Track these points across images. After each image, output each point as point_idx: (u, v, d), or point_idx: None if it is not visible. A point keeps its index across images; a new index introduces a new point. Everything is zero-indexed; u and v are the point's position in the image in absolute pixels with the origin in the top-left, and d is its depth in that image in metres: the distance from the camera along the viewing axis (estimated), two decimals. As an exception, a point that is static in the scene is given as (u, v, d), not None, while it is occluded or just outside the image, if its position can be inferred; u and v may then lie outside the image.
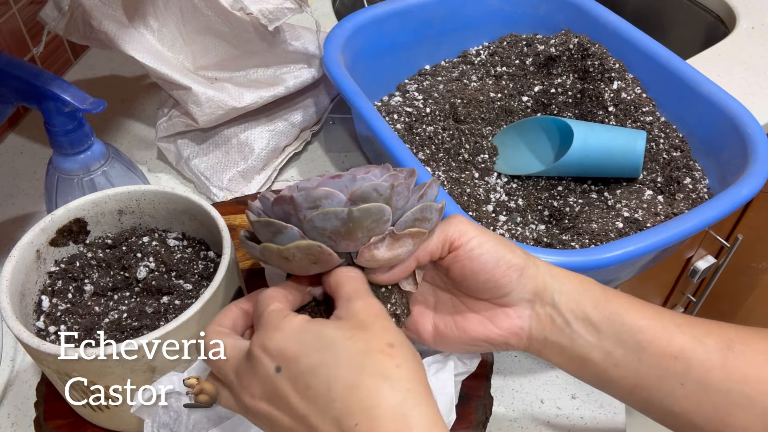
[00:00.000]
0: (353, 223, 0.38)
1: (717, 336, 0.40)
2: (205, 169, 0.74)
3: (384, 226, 0.40)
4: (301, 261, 0.40)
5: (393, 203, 0.40)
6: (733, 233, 1.09)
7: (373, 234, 0.39)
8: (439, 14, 0.79)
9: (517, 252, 0.42)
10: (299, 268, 0.40)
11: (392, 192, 0.39)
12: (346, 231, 0.39)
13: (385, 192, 0.39)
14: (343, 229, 0.38)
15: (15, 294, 0.46)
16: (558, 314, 0.41)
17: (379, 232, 0.39)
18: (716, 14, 1.07)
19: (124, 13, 0.70)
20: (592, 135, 0.66)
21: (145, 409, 0.44)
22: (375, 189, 0.39)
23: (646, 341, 0.40)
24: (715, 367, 0.39)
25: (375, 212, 0.38)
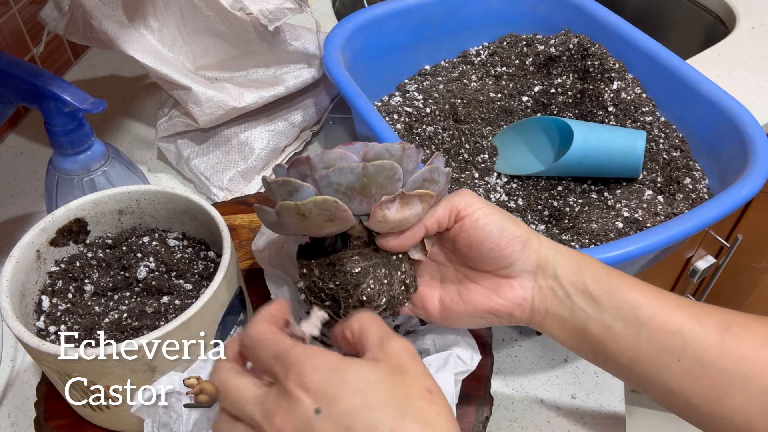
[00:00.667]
0: (368, 177, 0.40)
1: (716, 317, 0.41)
2: (205, 169, 0.74)
3: (396, 185, 0.41)
4: (317, 218, 0.41)
5: (404, 165, 0.42)
6: (733, 233, 1.09)
7: (386, 192, 0.41)
8: (439, 14, 0.79)
9: (521, 225, 0.44)
10: (315, 226, 0.42)
11: (403, 153, 0.42)
12: (360, 186, 0.40)
13: (396, 153, 0.42)
14: (358, 184, 0.40)
15: (15, 294, 0.46)
16: (559, 286, 0.43)
17: (391, 191, 0.41)
18: (716, 14, 1.07)
19: (124, 13, 0.70)
20: (592, 135, 0.66)
21: (145, 409, 0.44)
22: (387, 150, 0.41)
23: (646, 317, 0.41)
24: (713, 346, 0.39)
25: (388, 168, 0.41)
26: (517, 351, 0.60)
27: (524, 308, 0.44)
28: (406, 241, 0.44)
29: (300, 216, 0.41)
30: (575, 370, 0.59)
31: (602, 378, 0.58)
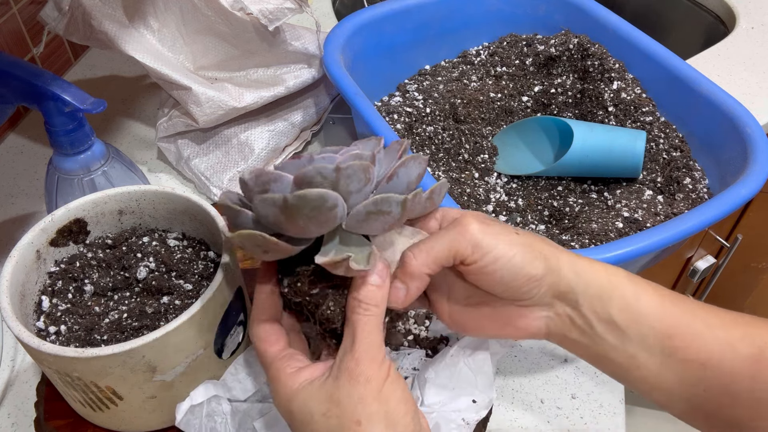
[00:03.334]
0: (290, 211, 0.36)
1: (750, 341, 0.37)
2: (205, 169, 0.74)
3: (329, 214, 0.36)
4: (253, 249, 0.38)
5: (342, 188, 0.36)
6: (733, 233, 1.09)
7: (318, 222, 0.36)
8: (439, 14, 0.79)
9: (536, 262, 0.39)
10: (257, 256, 0.39)
11: (339, 175, 0.36)
12: (286, 219, 0.36)
13: (329, 175, 0.36)
14: (283, 216, 0.36)
15: (15, 294, 0.46)
16: (579, 316, 0.40)
17: (324, 219, 0.36)
18: (716, 14, 1.07)
19: (124, 13, 0.70)
20: (592, 135, 0.66)
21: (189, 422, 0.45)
22: (319, 172, 0.36)
23: (674, 348, 0.38)
24: (744, 376, 0.37)
25: (314, 199, 0.35)
26: (517, 351, 0.60)
27: (538, 335, 0.42)
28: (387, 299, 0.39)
29: (239, 248, 0.39)
30: (575, 370, 0.59)
31: (602, 378, 0.58)
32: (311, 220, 0.36)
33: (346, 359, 0.36)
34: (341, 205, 0.36)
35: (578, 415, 0.56)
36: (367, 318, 0.37)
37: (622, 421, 0.55)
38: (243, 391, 0.47)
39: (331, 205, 0.36)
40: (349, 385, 0.36)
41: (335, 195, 0.35)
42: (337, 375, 0.36)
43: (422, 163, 0.39)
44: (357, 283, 0.38)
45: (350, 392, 0.35)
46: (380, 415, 0.35)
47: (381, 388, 0.36)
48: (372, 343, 0.36)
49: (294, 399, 0.37)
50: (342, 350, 0.37)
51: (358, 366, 0.36)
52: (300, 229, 0.37)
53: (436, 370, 0.48)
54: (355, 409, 0.35)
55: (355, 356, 0.36)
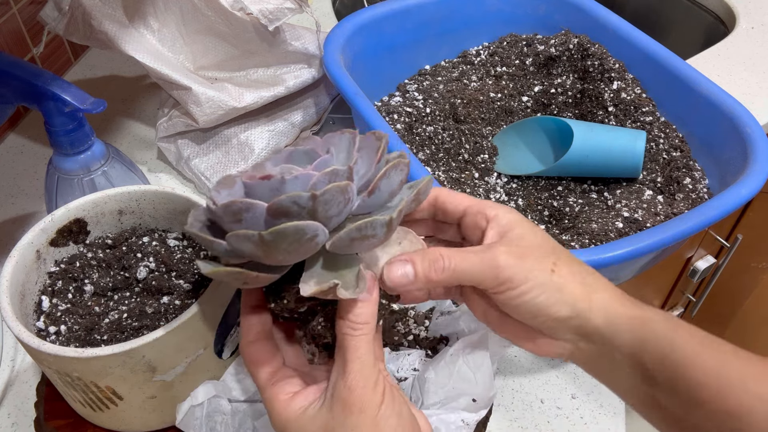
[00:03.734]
0: (267, 247, 0.33)
1: None
2: (205, 169, 0.74)
3: (310, 244, 0.34)
4: (234, 282, 0.36)
5: (320, 215, 0.34)
6: (733, 233, 1.09)
7: (299, 253, 0.34)
8: (439, 14, 0.79)
9: (562, 305, 0.37)
10: (237, 286, 0.38)
11: (315, 203, 0.33)
12: (264, 254, 0.34)
13: (306, 204, 0.33)
14: (260, 252, 0.34)
15: (15, 294, 0.46)
16: (605, 355, 0.38)
17: (305, 250, 0.34)
18: (716, 14, 1.07)
19: (124, 13, 0.70)
20: (592, 135, 0.66)
21: (189, 422, 0.45)
22: (294, 202, 0.33)
23: (702, 399, 0.35)
24: None
25: (291, 233, 0.32)
26: (517, 351, 0.60)
27: (561, 357, 0.40)
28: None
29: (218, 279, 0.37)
30: (575, 370, 0.59)
31: (602, 378, 0.58)
32: (291, 253, 0.34)
33: (338, 387, 0.35)
34: (322, 233, 0.34)
35: (578, 415, 0.56)
36: (357, 338, 0.35)
37: (622, 421, 0.55)
38: (243, 392, 0.47)
39: (311, 236, 0.33)
40: (342, 416, 0.35)
41: (314, 225, 0.33)
42: (331, 404, 0.35)
43: (404, 169, 0.37)
44: (344, 302, 0.36)
45: (344, 422, 0.35)
46: None
47: (376, 416, 0.35)
48: (364, 365, 0.35)
49: (288, 427, 0.36)
50: (335, 373, 0.36)
51: (351, 394, 0.35)
52: (279, 261, 0.35)
53: (435, 369, 0.48)
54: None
55: (348, 383, 0.35)
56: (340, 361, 0.36)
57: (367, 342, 0.36)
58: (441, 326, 0.54)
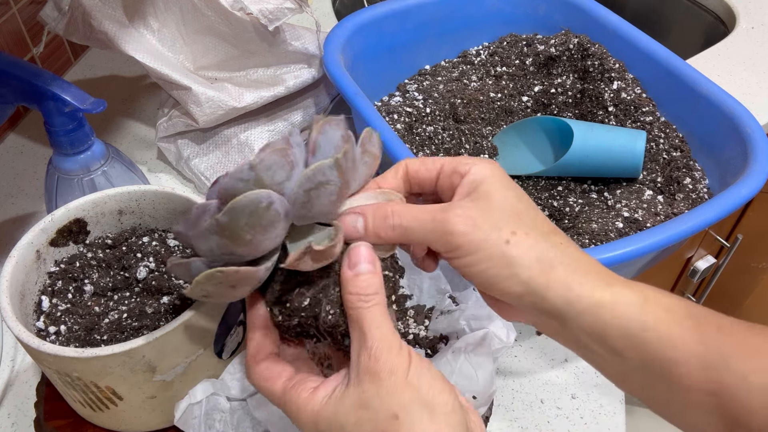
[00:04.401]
0: (229, 230, 0.32)
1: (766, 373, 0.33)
2: (205, 169, 0.74)
3: (269, 213, 0.33)
4: (221, 291, 0.35)
5: (267, 182, 0.33)
6: (733, 233, 1.09)
7: (263, 227, 0.33)
8: (439, 14, 0.79)
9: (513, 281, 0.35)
10: (227, 296, 0.36)
11: (257, 170, 0.32)
12: (231, 241, 0.33)
13: (248, 176, 0.32)
14: (226, 241, 0.33)
15: (15, 294, 0.46)
16: (569, 331, 0.36)
17: (267, 221, 0.33)
18: (716, 14, 1.07)
19: (124, 13, 0.70)
20: (592, 135, 0.66)
21: (187, 420, 0.45)
22: (238, 178, 0.32)
23: (678, 376, 0.34)
24: (756, 407, 0.32)
25: (245, 206, 0.32)
26: (517, 351, 0.60)
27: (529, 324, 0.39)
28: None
29: (205, 298, 0.36)
30: (575, 370, 0.59)
31: (602, 378, 0.58)
32: (255, 229, 0.33)
33: (362, 359, 0.34)
34: (277, 199, 0.33)
35: (578, 415, 0.56)
36: (370, 309, 0.34)
37: (622, 421, 0.55)
38: (242, 390, 0.47)
39: (266, 204, 0.32)
40: (373, 385, 0.33)
41: (264, 192, 0.32)
42: (358, 378, 0.34)
43: (340, 124, 0.35)
44: (348, 278, 0.35)
45: (377, 391, 0.33)
46: (415, 400, 0.33)
47: (407, 375, 0.33)
48: (385, 334, 0.34)
49: (319, 420, 0.34)
50: (355, 351, 0.34)
51: (377, 362, 0.33)
52: (251, 245, 0.34)
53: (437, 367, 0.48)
54: (387, 405, 0.33)
55: (371, 353, 0.33)
56: (358, 335, 0.34)
57: (382, 312, 0.35)
58: (441, 326, 0.54)
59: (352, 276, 0.35)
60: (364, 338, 0.34)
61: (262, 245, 0.34)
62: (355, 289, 0.35)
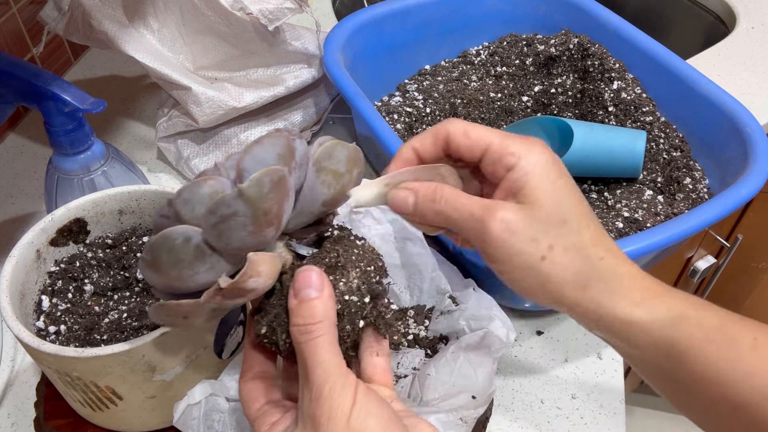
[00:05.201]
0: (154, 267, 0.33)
1: None
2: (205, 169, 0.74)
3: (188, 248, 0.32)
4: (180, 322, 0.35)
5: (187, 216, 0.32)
6: (733, 233, 1.09)
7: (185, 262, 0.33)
8: (439, 14, 0.79)
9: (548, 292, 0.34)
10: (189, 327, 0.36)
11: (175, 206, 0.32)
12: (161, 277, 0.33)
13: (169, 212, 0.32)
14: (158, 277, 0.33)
15: (15, 294, 0.46)
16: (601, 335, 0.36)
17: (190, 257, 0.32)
18: (716, 14, 1.07)
19: (124, 13, 0.70)
20: (592, 135, 0.66)
21: (186, 421, 0.45)
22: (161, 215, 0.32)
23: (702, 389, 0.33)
24: None
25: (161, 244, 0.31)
26: (517, 351, 0.60)
27: None
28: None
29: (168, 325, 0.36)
30: (575, 370, 0.59)
31: (602, 378, 0.58)
32: (180, 266, 0.32)
33: (305, 401, 0.32)
34: (195, 234, 0.31)
35: (578, 415, 0.56)
36: (313, 342, 0.32)
37: (622, 421, 0.55)
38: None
39: (183, 240, 0.31)
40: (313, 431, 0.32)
41: (182, 228, 0.31)
42: (303, 422, 0.32)
43: (279, 140, 0.32)
44: (292, 307, 0.33)
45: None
46: None
47: (348, 420, 0.31)
48: (325, 371, 0.32)
49: None
50: (301, 387, 0.33)
51: (317, 405, 0.31)
52: (182, 280, 0.33)
53: (437, 366, 0.48)
54: None
55: (312, 394, 0.32)
56: (302, 374, 0.33)
57: (327, 342, 0.33)
58: (441, 326, 0.54)
59: (296, 305, 0.33)
60: (307, 375, 0.32)
61: (195, 279, 0.33)
62: (298, 319, 0.33)
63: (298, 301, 0.33)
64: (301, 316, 0.33)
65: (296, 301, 0.33)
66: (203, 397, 0.46)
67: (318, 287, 0.33)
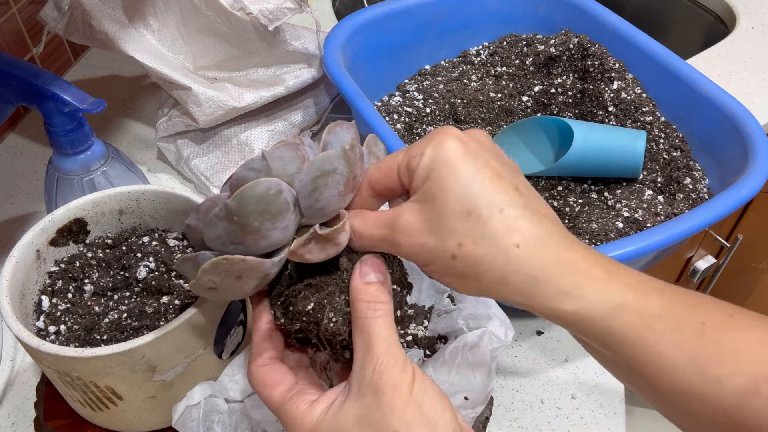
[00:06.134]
0: (238, 216, 0.33)
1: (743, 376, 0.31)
2: (205, 169, 0.74)
3: (279, 200, 0.33)
4: (227, 283, 0.35)
5: (277, 172, 0.33)
6: (733, 233, 1.09)
7: (273, 216, 0.33)
8: (439, 14, 0.79)
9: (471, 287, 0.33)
10: (239, 293, 0.36)
11: (268, 161, 0.33)
12: (240, 229, 0.33)
13: (260, 166, 0.33)
14: (235, 227, 0.33)
15: (15, 294, 0.46)
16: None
17: (276, 209, 0.33)
18: (716, 14, 1.07)
19: (124, 13, 0.70)
20: (592, 135, 0.66)
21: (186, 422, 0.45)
22: (249, 168, 0.33)
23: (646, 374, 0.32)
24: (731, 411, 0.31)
25: (254, 191, 0.32)
26: (517, 351, 0.60)
27: None
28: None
29: (211, 291, 0.35)
30: (575, 370, 0.59)
31: (602, 378, 0.58)
32: (264, 216, 0.33)
33: (366, 371, 0.33)
34: (286, 188, 0.33)
35: (578, 415, 0.56)
36: (378, 320, 0.33)
37: (622, 421, 0.55)
38: (240, 392, 0.47)
39: (276, 191, 0.32)
40: (375, 400, 0.32)
41: (276, 180, 0.32)
42: (360, 392, 0.33)
43: (350, 128, 0.36)
44: (358, 286, 0.35)
45: (379, 407, 0.32)
46: (417, 419, 0.32)
47: (411, 392, 0.32)
48: (390, 347, 0.33)
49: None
50: (358, 362, 0.33)
51: (381, 377, 0.32)
52: (259, 234, 0.34)
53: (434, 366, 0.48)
54: (389, 422, 0.32)
55: (376, 366, 0.32)
56: (363, 346, 0.33)
57: (389, 324, 0.34)
58: (439, 325, 0.54)
59: (364, 284, 0.34)
60: (370, 350, 0.33)
61: (270, 235, 0.34)
62: (363, 296, 0.34)
63: (364, 282, 0.34)
64: (370, 294, 0.34)
65: (363, 281, 0.34)
66: (202, 398, 0.45)
67: (384, 274, 0.35)
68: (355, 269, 0.35)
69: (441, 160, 0.32)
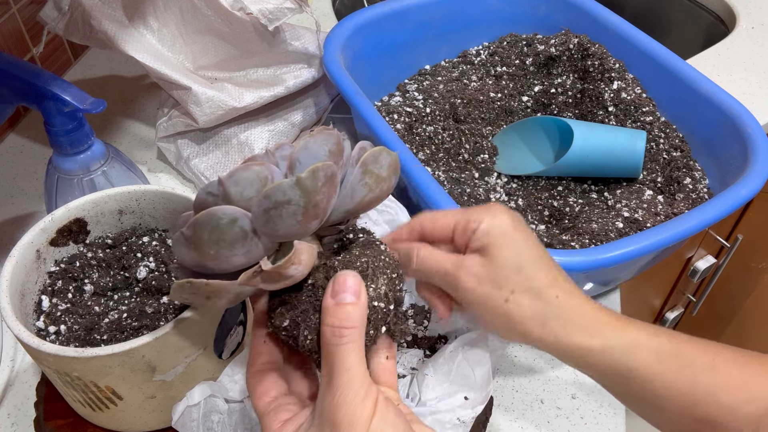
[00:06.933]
0: (193, 244, 0.32)
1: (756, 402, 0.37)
2: (205, 169, 0.74)
3: (232, 230, 0.32)
4: (200, 302, 0.35)
5: (235, 198, 0.32)
6: (733, 233, 1.09)
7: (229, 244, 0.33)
8: (438, 14, 0.79)
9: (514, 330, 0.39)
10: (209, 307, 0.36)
11: (224, 187, 0.32)
12: (198, 255, 0.33)
13: (217, 191, 0.32)
14: (194, 254, 0.33)
15: (15, 294, 0.46)
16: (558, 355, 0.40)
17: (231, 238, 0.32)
18: (716, 14, 1.07)
19: (124, 13, 0.70)
20: (592, 135, 0.66)
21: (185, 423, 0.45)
22: (208, 192, 0.32)
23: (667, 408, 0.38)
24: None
25: (207, 221, 0.31)
26: (517, 351, 0.60)
27: None
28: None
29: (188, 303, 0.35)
30: (575, 370, 0.59)
31: (602, 378, 0.58)
32: (219, 244, 0.32)
33: (325, 404, 0.32)
34: (241, 216, 0.31)
35: (578, 415, 0.56)
36: (343, 347, 0.33)
37: (622, 421, 0.55)
38: (240, 392, 0.47)
39: (228, 220, 0.31)
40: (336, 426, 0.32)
41: (230, 209, 0.31)
42: (320, 423, 0.32)
43: (329, 138, 0.34)
44: (327, 306, 0.34)
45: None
46: None
47: (368, 429, 0.31)
48: (351, 378, 0.32)
49: None
50: (321, 389, 0.33)
51: (338, 410, 0.32)
52: (218, 260, 0.33)
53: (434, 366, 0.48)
54: None
55: (334, 398, 0.32)
56: (326, 373, 0.33)
57: (356, 351, 0.33)
58: (440, 325, 0.54)
59: (333, 305, 0.34)
60: (331, 380, 0.33)
61: (230, 260, 0.33)
62: (332, 320, 0.33)
63: (335, 302, 0.34)
64: (337, 318, 0.33)
65: (333, 302, 0.34)
66: (202, 399, 0.45)
67: (356, 293, 0.34)
68: (327, 287, 0.34)
69: (497, 227, 0.39)
